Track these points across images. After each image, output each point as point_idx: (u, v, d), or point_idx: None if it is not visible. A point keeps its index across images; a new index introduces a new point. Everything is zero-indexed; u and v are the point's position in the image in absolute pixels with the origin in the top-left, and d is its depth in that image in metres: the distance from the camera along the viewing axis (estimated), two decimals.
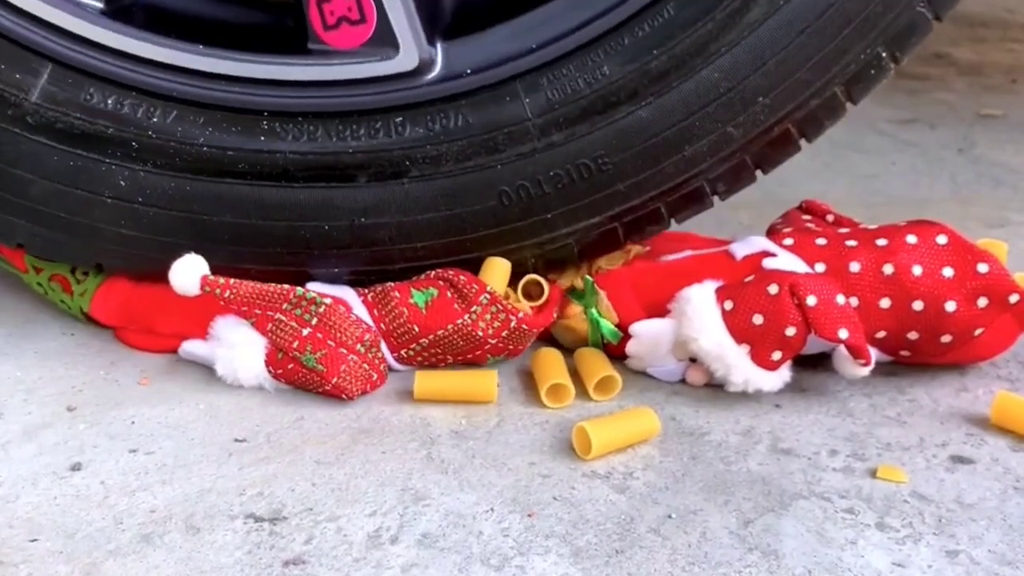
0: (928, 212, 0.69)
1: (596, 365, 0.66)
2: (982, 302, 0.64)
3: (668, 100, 0.63)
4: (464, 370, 0.68)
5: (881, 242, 0.65)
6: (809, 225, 0.71)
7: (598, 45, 0.63)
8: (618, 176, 0.65)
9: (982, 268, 0.64)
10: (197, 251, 0.65)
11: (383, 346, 0.66)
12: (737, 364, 0.63)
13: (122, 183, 0.65)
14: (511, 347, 0.67)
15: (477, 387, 0.65)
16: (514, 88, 0.64)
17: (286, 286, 0.64)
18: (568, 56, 0.63)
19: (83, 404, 0.64)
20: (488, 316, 0.65)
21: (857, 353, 0.63)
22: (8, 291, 0.77)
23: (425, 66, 0.64)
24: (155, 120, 0.65)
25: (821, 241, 0.67)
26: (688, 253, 0.70)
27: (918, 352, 0.67)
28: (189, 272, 0.64)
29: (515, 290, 0.68)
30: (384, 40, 0.64)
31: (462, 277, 0.66)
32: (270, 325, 0.64)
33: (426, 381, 0.65)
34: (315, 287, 0.66)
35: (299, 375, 0.63)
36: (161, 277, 0.65)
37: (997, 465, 0.59)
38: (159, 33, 0.65)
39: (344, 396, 0.63)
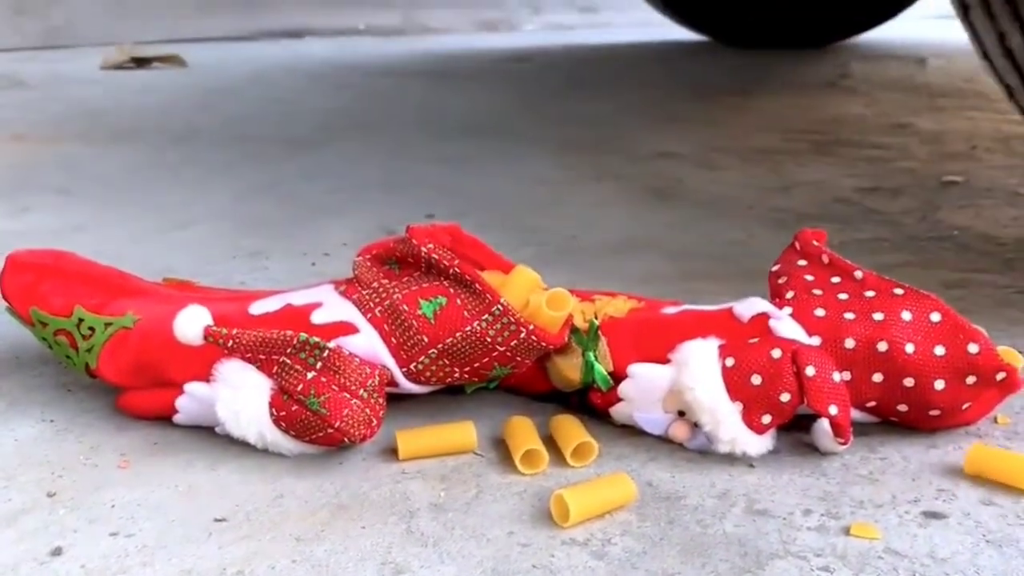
0: (892, 276, 0.71)
1: (572, 432, 0.67)
2: (970, 380, 0.67)
3: None
4: (442, 424, 0.69)
5: (877, 316, 0.67)
6: (808, 278, 0.72)
7: None
8: None
9: (972, 348, 0.66)
10: None
11: (392, 364, 0.67)
12: (727, 420, 0.64)
13: None
14: (519, 358, 0.68)
15: (457, 437, 0.67)
16: None
17: (289, 332, 0.66)
18: None
19: (63, 489, 0.64)
20: (499, 326, 0.67)
21: (840, 432, 0.65)
22: None
23: None
24: None
25: (820, 312, 0.68)
26: (687, 307, 0.72)
27: (906, 421, 0.69)
28: (192, 323, 0.66)
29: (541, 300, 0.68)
30: None
31: (477, 285, 0.67)
32: (275, 368, 0.65)
33: (408, 441, 0.67)
34: (319, 314, 0.68)
35: (302, 417, 0.64)
36: None
37: (968, 519, 0.60)
38: None
39: (347, 439, 0.64)
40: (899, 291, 0.69)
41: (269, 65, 2.32)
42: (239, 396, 0.65)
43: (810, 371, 0.64)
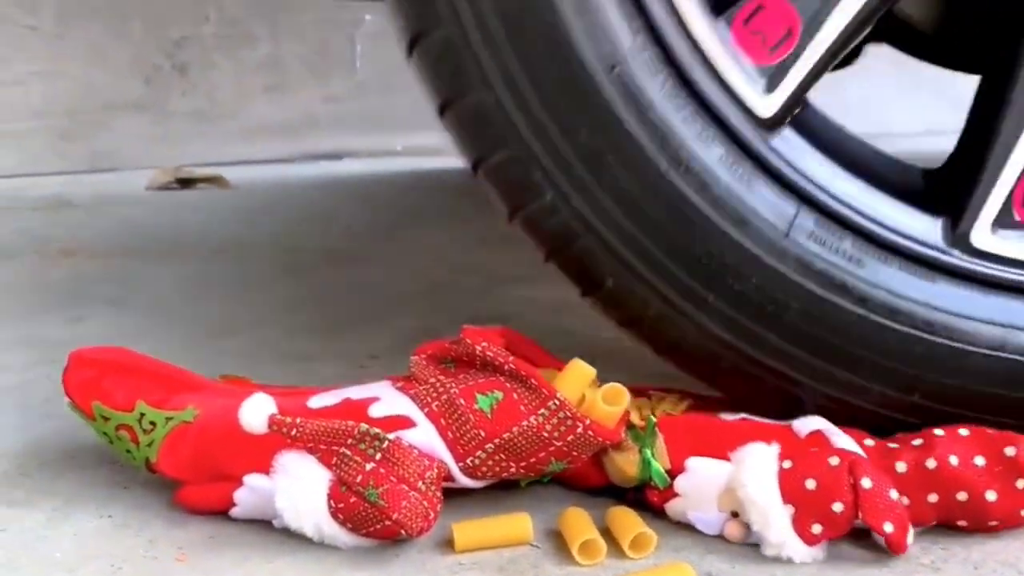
0: None
1: (629, 523, 0.67)
2: (1020, 483, 0.66)
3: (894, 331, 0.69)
4: (498, 516, 0.69)
5: (916, 442, 0.68)
6: None
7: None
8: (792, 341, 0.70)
9: (1010, 451, 0.66)
10: None
11: (449, 459, 0.67)
12: (777, 522, 0.64)
13: None
14: (575, 453, 0.68)
15: (514, 529, 0.67)
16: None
17: (350, 422, 0.66)
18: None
19: None
20: (555, 420, 0.67)
21: (896, 549, 0.64)
22: (45, 475, 0.79)
23: None
24: None
25: (869, 443, 0.69)
26: (745, 416, 0.73)
27: (969, 531, 0.68)
28: (257, 411, 0.67)
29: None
30: None
31: (533, 380, 0.67)
32: (335, 459, 0.66)
33: (464, 532, 0.67)
34: (377, 408, 0.68)
35: (360, 509, 0.64)
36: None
37: None
38: None
39: (403, 532, 0.64)
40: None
41: (309, 185, 2.38)
42: (298, 487, 0.66)
43: (866, 483, 0.64)
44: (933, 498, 0.66)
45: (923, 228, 0.71)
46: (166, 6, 2.67)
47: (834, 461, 0.65)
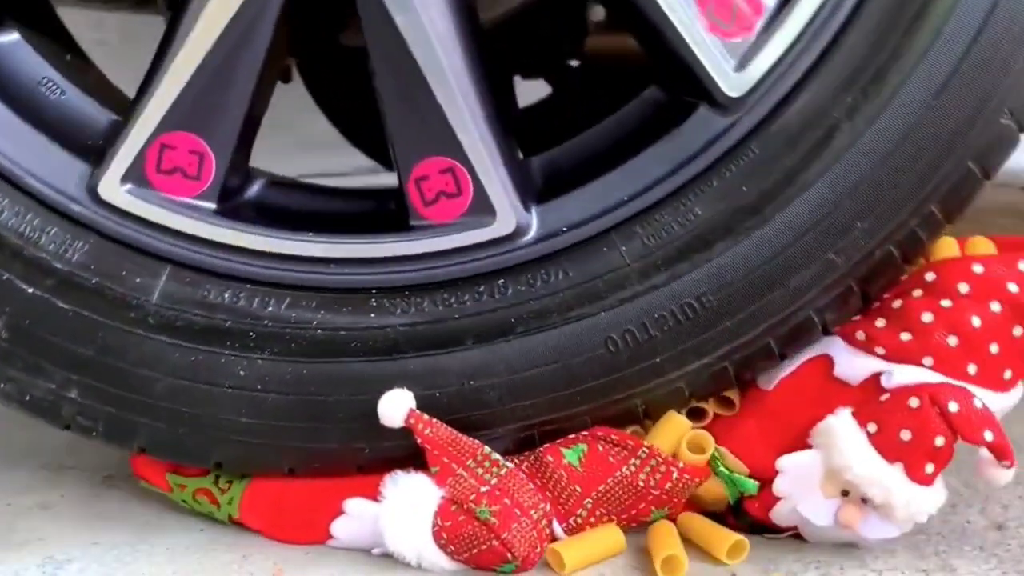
0: None
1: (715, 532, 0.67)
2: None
3: (765, 232, 0.64)
4: (593, 530, 0.67)
5: (930, 276, 0.66)
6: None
7: (687, 190, 0.65)
8: (723, 313, 0.65)
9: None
10: (314, 432, 0.67)
11: (553, 520, 0.66)
12: (895, 485, 0.62)
13: (241, 372, 0.67)
14: (674, 499, 0.67)
15: (611, 542, 0.67)
16: (610, 239, 0.66)
17: (476, 442, 0.66)
18: (658, 204, 0.65)
19: None
20: (648, 468, 0.66)
21: (1001, 454, 0.62)
22: (134, 487, 0.78)
23: (522, 229, 0.66)
24: (270, 309, 0.67)
25: (906, 336, 0.65)
26: (781, 375, 0.69)
27: None
28: (397, 404, 0.65)
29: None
30: (481, 209, 0.66)
31: (614, 436, 0.66)
32: (450, 479, 0.65)
33: (570, 552, 0.65)
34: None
35: (468, 528, 0.63)
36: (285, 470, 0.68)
37: None
38: (269, 226, 0.68)
39: (510, 553, 0.63)
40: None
41: None
42: (407, 501, 0.65)
43: (953, 407, 0.62)
44: (1018, 331, 0.65)
45: None
46: None
47: (914, 403, 0.63)
